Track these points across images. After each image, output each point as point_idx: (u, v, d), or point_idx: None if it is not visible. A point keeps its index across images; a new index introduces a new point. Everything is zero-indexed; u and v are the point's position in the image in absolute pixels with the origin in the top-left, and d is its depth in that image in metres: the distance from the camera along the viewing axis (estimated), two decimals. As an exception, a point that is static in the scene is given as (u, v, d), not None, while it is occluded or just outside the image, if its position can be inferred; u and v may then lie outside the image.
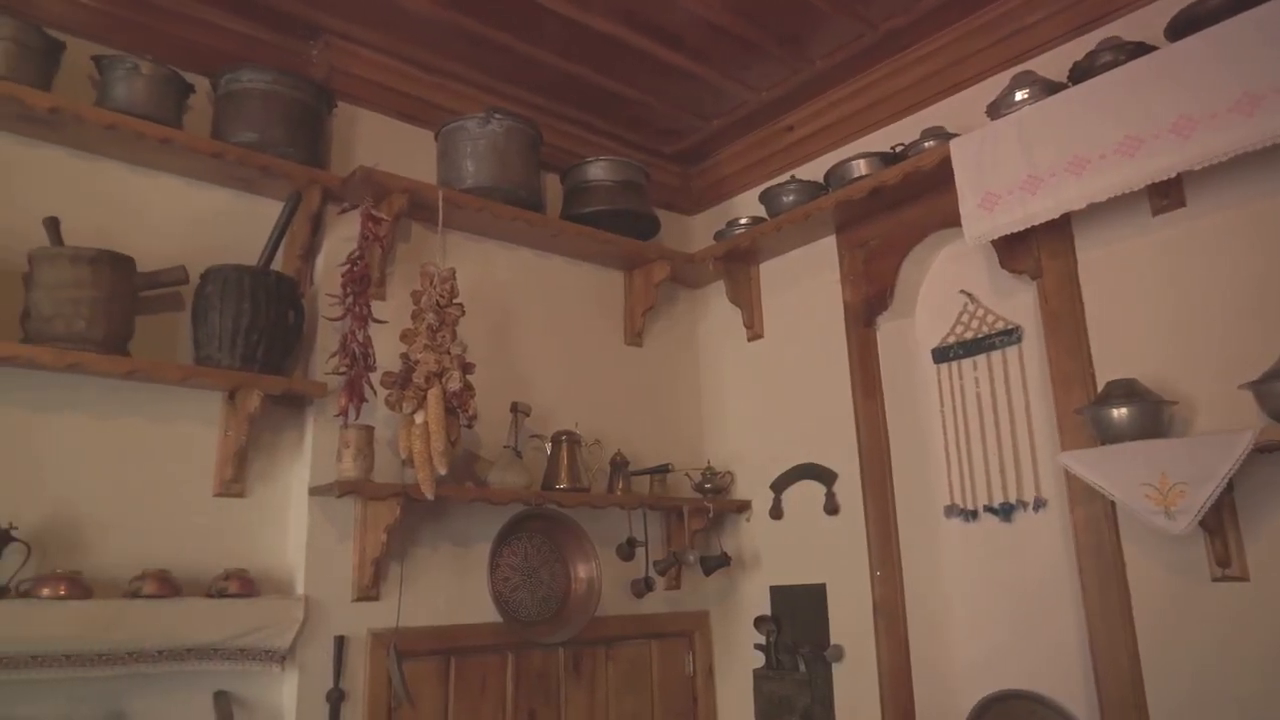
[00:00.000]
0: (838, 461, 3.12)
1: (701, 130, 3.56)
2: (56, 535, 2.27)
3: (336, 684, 2.49)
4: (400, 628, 2.60)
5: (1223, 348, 2.27)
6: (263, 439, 2.61)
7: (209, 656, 2.29)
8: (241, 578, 2.40)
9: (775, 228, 3.21)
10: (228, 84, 2.66)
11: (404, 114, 3.09)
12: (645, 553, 3.15)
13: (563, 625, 2.92)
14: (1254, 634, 2.16)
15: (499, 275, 3.17)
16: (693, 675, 3.31)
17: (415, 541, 2.74)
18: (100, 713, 2.21)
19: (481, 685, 2.76)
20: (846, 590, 3.02)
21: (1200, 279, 2.34)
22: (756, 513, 3.39)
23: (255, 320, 2.46)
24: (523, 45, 2.97)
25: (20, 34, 2.31)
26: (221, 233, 2.66)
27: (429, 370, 2.55)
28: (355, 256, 2.63)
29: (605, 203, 3.27)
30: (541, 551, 3.00)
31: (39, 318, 2.22)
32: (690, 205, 3.92)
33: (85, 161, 2.50)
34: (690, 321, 3.75)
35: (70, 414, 2.35)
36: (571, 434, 3.03)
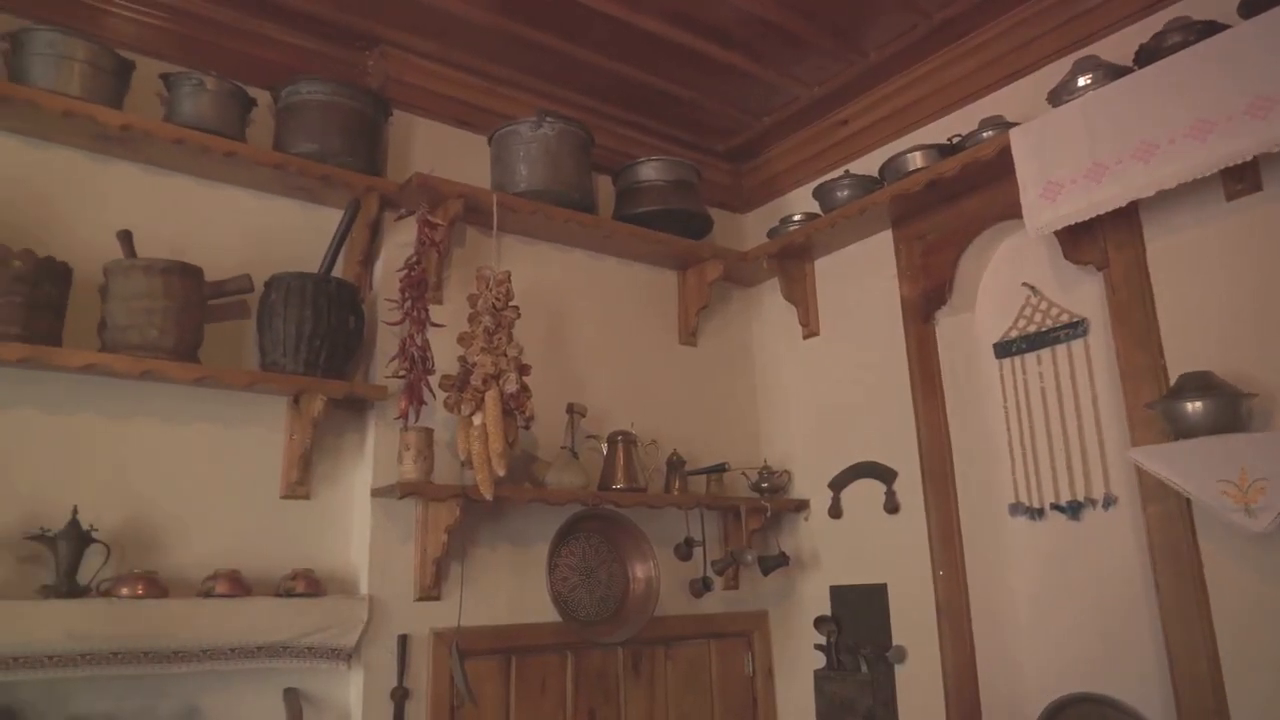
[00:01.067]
0: (897, 459, 3.07)
1: (753, 127, 3.54)
2: (134, 536, 2.35)
3: (400, 682, 2.53)
4: (461, 627, 2.64)
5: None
6: (326, 442, 2.67)
7: (278, 654, 2.35)
8: (308, 578, 2.46)
9: (830, 223, 3.17)
10: (288, 96, 2.73)
11: (458, 120, 3.13)
12: (703, 552, 3.14)
13: (621, 625, 2.93)
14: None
15: (553, 277, 3.20)
16: (752, 675, 3.29)
17: (475, 542, 2.78)
18: (178, 708, 2.29)
19: (542, 684, 2.78)
20: (908, 590, 2.97)
21: (1279, 265, 2.24)
22: (815, 512, 3.35)
23: (317, 326, 2.52)
24: (573, 48, 2.98)
25: (94, 56, 2.41)
26: (284, 241, 2.74)
27: (486, 372, 2.58)
28: (413, 262, 2.68)
29: (657, 203, 3.27)
30: (599, 551, 3.01)
31: (115, 327, 2.31)
32: (743, 203, 3.90)
33: (155, 176, 2.59)
34: (744, 320, 3.73)
35: (145, 419, 2.43)
36: (627, 434, 3.03)
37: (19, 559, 2.19)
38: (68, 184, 2.46)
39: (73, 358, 2.19)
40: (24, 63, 2.34)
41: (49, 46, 2.35)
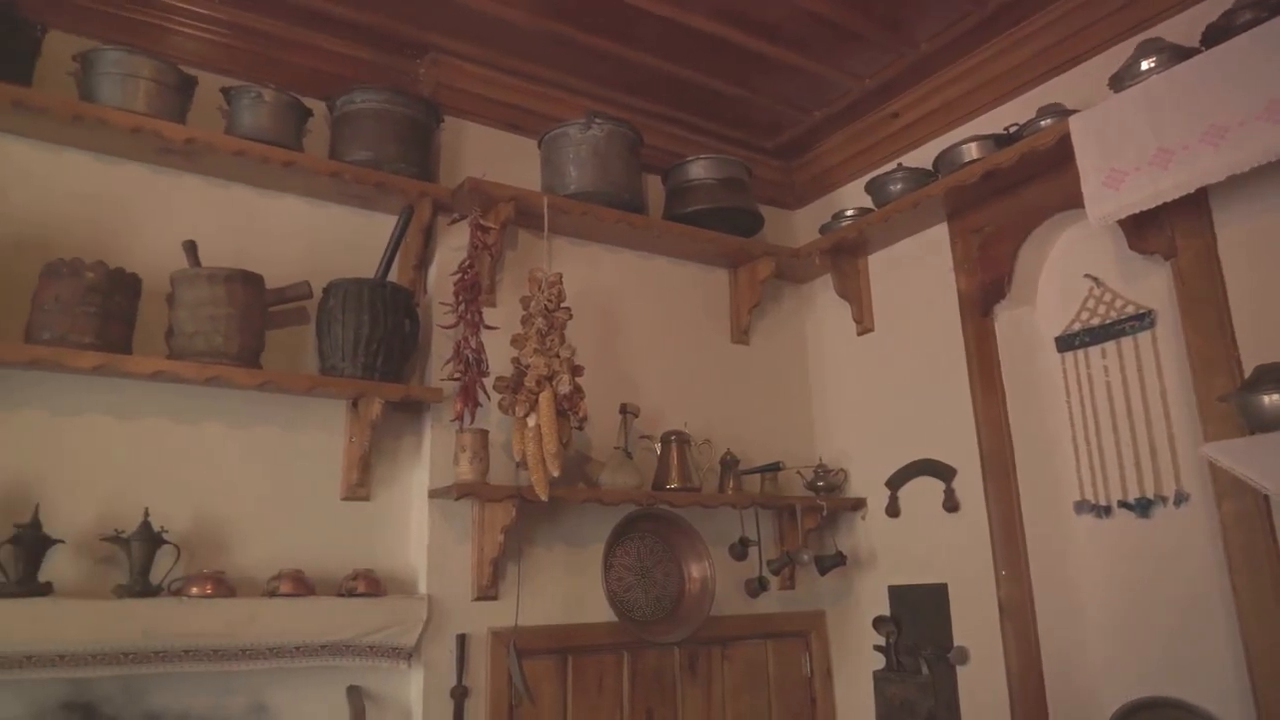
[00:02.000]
0: (957, 457, 3.01)
1: (803, 122, 3.51)
2: (202, 537, 2.43)
3: (460, 681, 2.56)
4: (519, 627, 2.66)
5: (1389, 325, 2.08)
6: (384, 444, 2.72)
7: (341, 653, 2.39)
8: (368, 578, 2.50)
9: (883, 218, 3.12)
10: (342, 106, 2.79)
11: (508, 124, 3.16)
12: (758, 552, 3.12)
13: (677, 625, 2.92)
14: None
15: (605, 278, 3.21)
16: (810, 676, 3.25)
17: (531, 542, 2.80)
18: (246, 704, 2.35)
19: (599, 684, 2.79)
20: (970, 590, 2.91)
21: (1360, 251, 2.14)
22: (872, 511, 3.31)
23: (374, 330, 2.57)
24: (621, 48, 2.99)
25: (159, 74, 2.48)
26: (341, 248, 2.79)
27: (539, 374, 2.60)
28: (466, 265, 2.71)
29: (707, 201, 3.25)
30: (654, 551, 3.01)
31: (181, 334, 2.38)
32: (794, 200, 3.86)
33: (217, 187, 2.67)
34: (797, 317, 3.70)
35: (211, 424, 2.51)
36: (681, 434, 3.03)
37: (96, 560, 2.28)
38: (136, 197, 2.54)
39: (143, 365, 2.27)
40: (93, 82, 2.43)
41: (116, 66, 2.43)
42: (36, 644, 2.02)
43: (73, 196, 2.46)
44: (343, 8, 2.74)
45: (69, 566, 2.24)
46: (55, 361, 2.16)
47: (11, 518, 2.16)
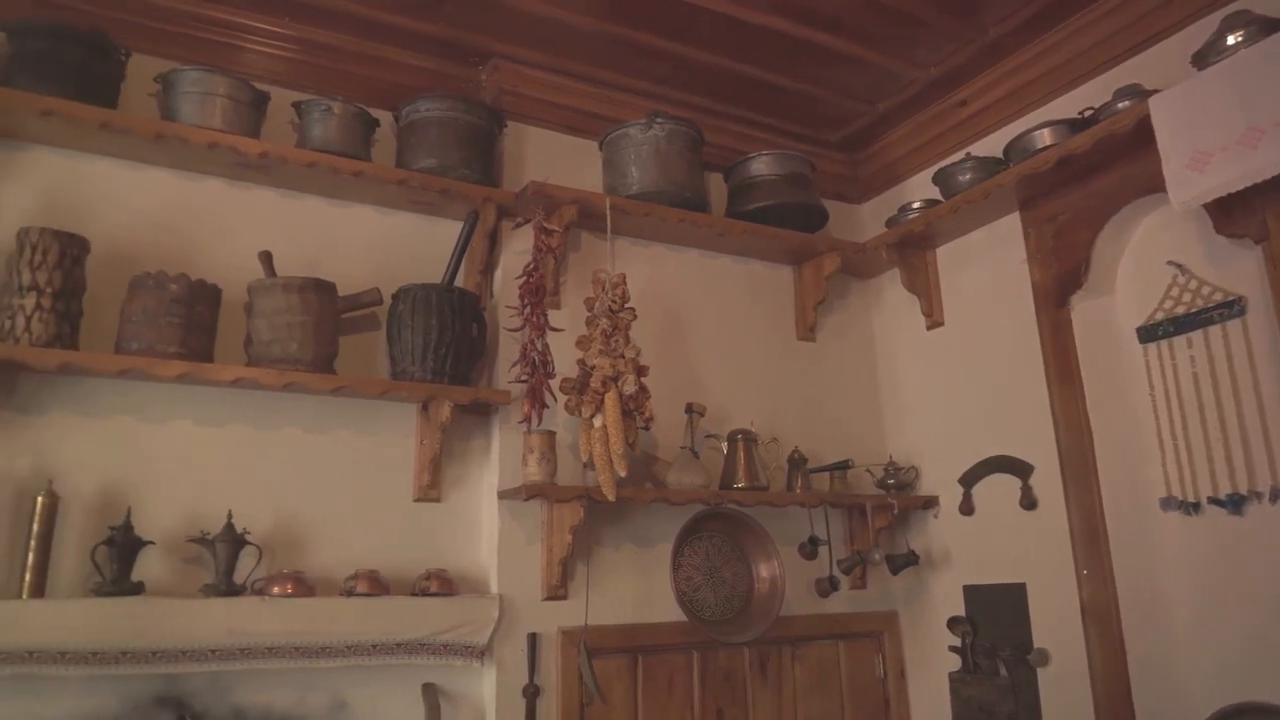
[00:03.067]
0: (1033, 453, 2.92)
1: (867, 114, 3.45)
2: (282, 538, 2.50)
3: (531, 679, 2.59)
4: (588, 626, 2.67)
5: None
6: (454, 446, 2.77)
7: (416, 651, 2.44)
8: (441, 577, 2.55)
9: (952, 209, 3.05)
10: (408, 115, 2.84)
11: (569, 127, 3.18)
12: (828, 551, 3.08)
13: (747, 625, 2.90)
14: None
15: (668, 278, 3.20)
16: (883, 677, 3.20)
17: (599, 542, 2.81)
18: (327, 701, 2.42)
19: (669, 683, 2.79)
20: (1049, 590, 2.82)
21: None
22: (945, 509, 3.23)
23: (443, 335, 2.62)
24: (681, 47, 2.98)
25: (234, 91, 2.57)
26: (409, 254, 2.85)
27: (605, 374, 2.61)
28: (530, 268, 2.74)
29: (770, 198, 3.22)
30: (723, 551, 2.99)
31: (259, 342, 2.46)
32: (859, 193, 3.80)
33: (290, 198, 2.75)
34: (864, 313, 3.64)
35: (288, 428, 2.58)
36: (747, 432, 3.01)
37: (183, 560, 2.37)
38: (214, 210, 2.64)
39: (224, 372, 2.35)
40: (173, 102, 2.53)
41: (194, 85, 2.53)
42: (131, 641, 2.11)
43: (156, 212, 2.56)
44: (406, 19, 2.79)
45: (159, 566, 2.33)
46: (143, 371, 2.26)
47: (106, 520, 2.27)
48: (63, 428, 2.32)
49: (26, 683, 2.06)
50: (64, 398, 2.34)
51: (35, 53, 2.35)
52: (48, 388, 2.32)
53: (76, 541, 2.26)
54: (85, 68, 2.40)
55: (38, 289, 2.18)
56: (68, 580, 2.23)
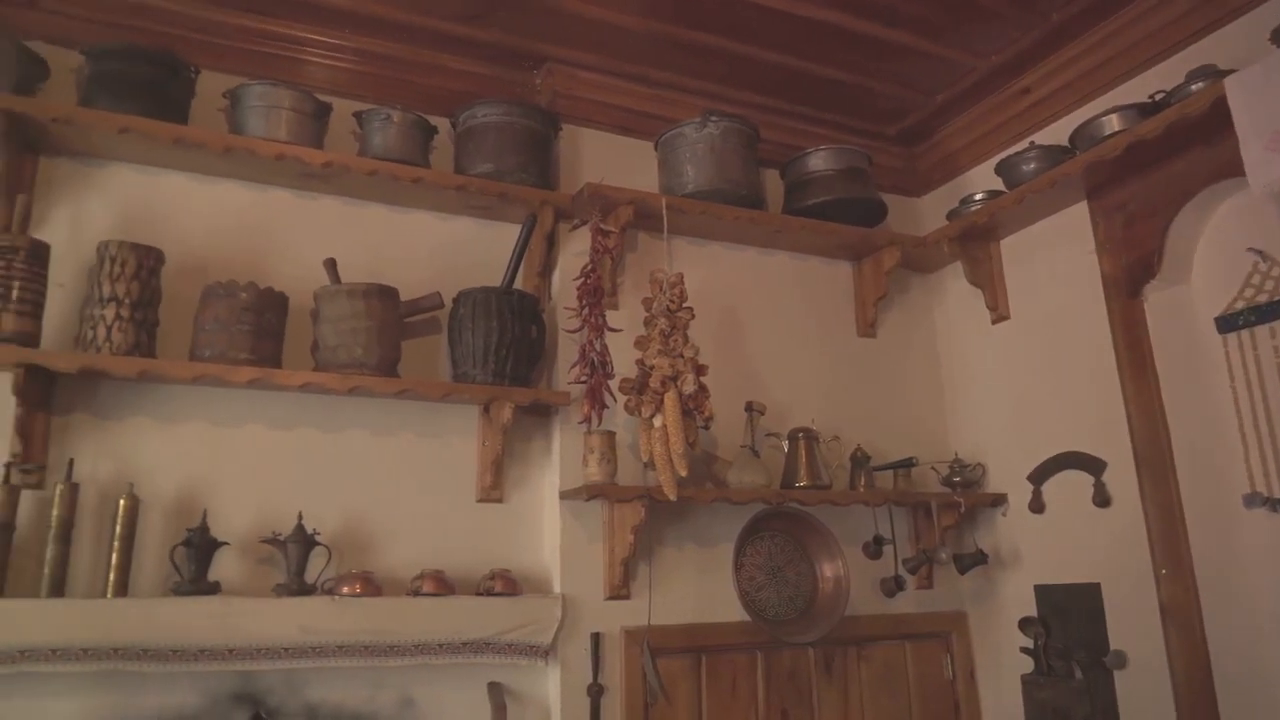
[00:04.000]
0: (1106, 448, 2.83)
1: (925, 106, 3.38)
2: (350, 539, 2.56)
3: (595, 679, 2.60)
4: (651, 625, 2.67)
5: None
6: (515, 447, 2.79)
7: (481, 650, 2.47)
8: (505, 577, 2.57)
9: (1016, 200, 2.97)
10: (465, 121, 2.88)
11: (624, 128, 3.19)
12: (893, 551, 3.04)
13: (812, 625, 2.87)
14: None
15: (726, 276, 3.19)
16: (952, 679, 3.13)
17: (661, 541, 2.81)
18: (395, 698, 2.46)
19: (732, 683, 2.78)
20: (1125, 590, 2.73)
21: None
22: (1014, 506, 3.15)
23: (503, 337, 2.64)
24: (735, 45, 2.97)
25: (297, 103, 2.64)
26: (468, 258, 2.89)
27: (664, 374, 2.61)
28: (588, 270, 2.75)
29: (827, 193, 3.19)
30: (785, 550, 2.97)
31: (325, 348, 2.52)
32: (918, 186, 3.73)
33: (352, 206, 2.81)
34: (926, 308, 3.57)
35: (354, 431, 2.64)
36: (809, 430, 2.98)
37: (257, 561, 2.44)
38: (281, 219, 2.71)
39: (292, 378, 2.41)
40: (241, 115, 2.61)
41: (260, 99, 2.60)
42: (209, 639, 2.18)
43: (226, 222, 2.64)
44: (461, 27, 2.83)
45: (233, 566, 2.41)
46: (216, 377, 2.33)
47: (183, 522, 2.35)
48: (142, 433, 2.41)
49: (113, 678, 2.15)
50: (143, 404, 2.42)
51: (112, 74, 2.44)
52: (127, 394, 2.41)
53: (156, 542, 2.34)
54: (158, 86, 2.49)
55: (117, 300, 2.26)
56: (149, 580, 2.32)
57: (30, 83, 2.43)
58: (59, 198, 2.47)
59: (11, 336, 2.17)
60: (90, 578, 2.27)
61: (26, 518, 2.21)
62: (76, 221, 2.47)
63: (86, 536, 2.28)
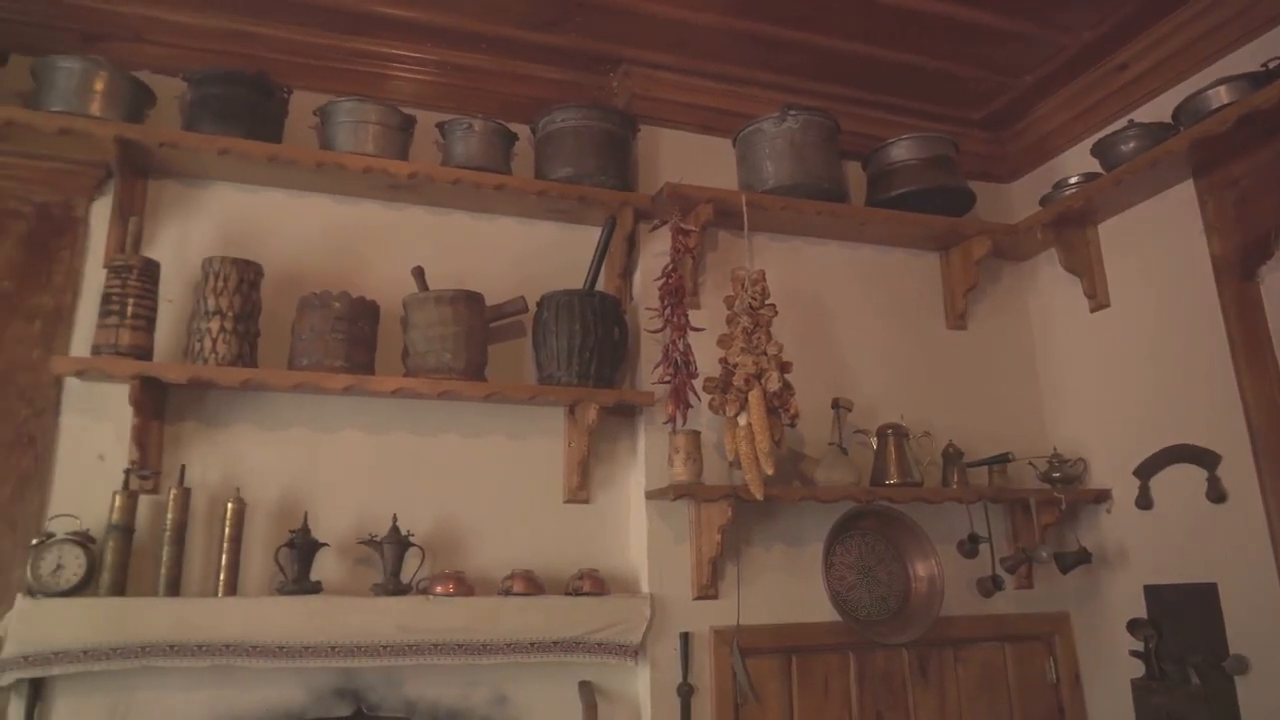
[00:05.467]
0: (1220, 441, 2.68)
1: (1013, 88, 3.26)
2: (442, 539, 2.62)
3: (685, 678, 2.60)
4: (741, 625, 2.66)
5: None
6: (601, 448, 2.81)
7: (572, 649, 2.50)
8: (593, 577, 2.60)
9: (1114, 181, 2.84)
10: (544, 127, 2.92)
11: (702, 126, 3.17)
12: (989, 549, 2.93)
13: (905, 625, 2.81)
14: None
15: (808, 272, 3.15)
16: (1056, 683, 3.01)
17: (749, 541, 2.79)
18: (489, 696, 2.51)
19: (824, 684, 2.74)
20: (1246, 591, 2.57)
21: None
22: (1119, 502, 3.01)
23: (586, 339, 2.67)
24: (810, 36, 2.92)
25: (383, 117, 2.72)
26: (551, 262, 2.92)
27: (748, 372, 2.59)
28: (669, 269, 2.75)
29: (912, 183, 3.11)
30: (876, 550, 2.91)
31: (415, 354, 2.59)
32: (1008, 172, 3.60)
33: (438, 215, 2.88)
34: (1019, 297, 3.45)
35: (444, 434, 2.71)
36: (898, 427, 2.91)
37: (355, 561, 2.53)
38: (370, 230, 2.80)
39: (385, 383, 2.49)
40: (331, 131, 2.71)
41: (348, 115, 2.69)
42: (313, 636, 2.27)
43: (319, 235, 2.74)
44: (538, 34, 2.87)
45: (333, 567, 2.50)
46: (314, 384, 2.42)
47: (286, 524, 2.45)
48: (246, 439, 2.53)
49: (225, 674, 2.26)
50: (247, 411, 2.54)
51: (212, 98, 2.57)
52: (233, 402, 2.53)
53: (261, 544, 2.45)
54: (254, 108, 2.60)
55: (221, 313, 2.38)
56: (255, 579, 2.43)
57: (139, 111, 2.58)
58: (167, 218, 2.61)
59: (128, 350, 2.30)
60: (203, 577, 2.39)
61: (144, 521, 2.34)
62: (183, 239, 2.60)
63: (198, 538, 2.40)
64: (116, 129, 2.43)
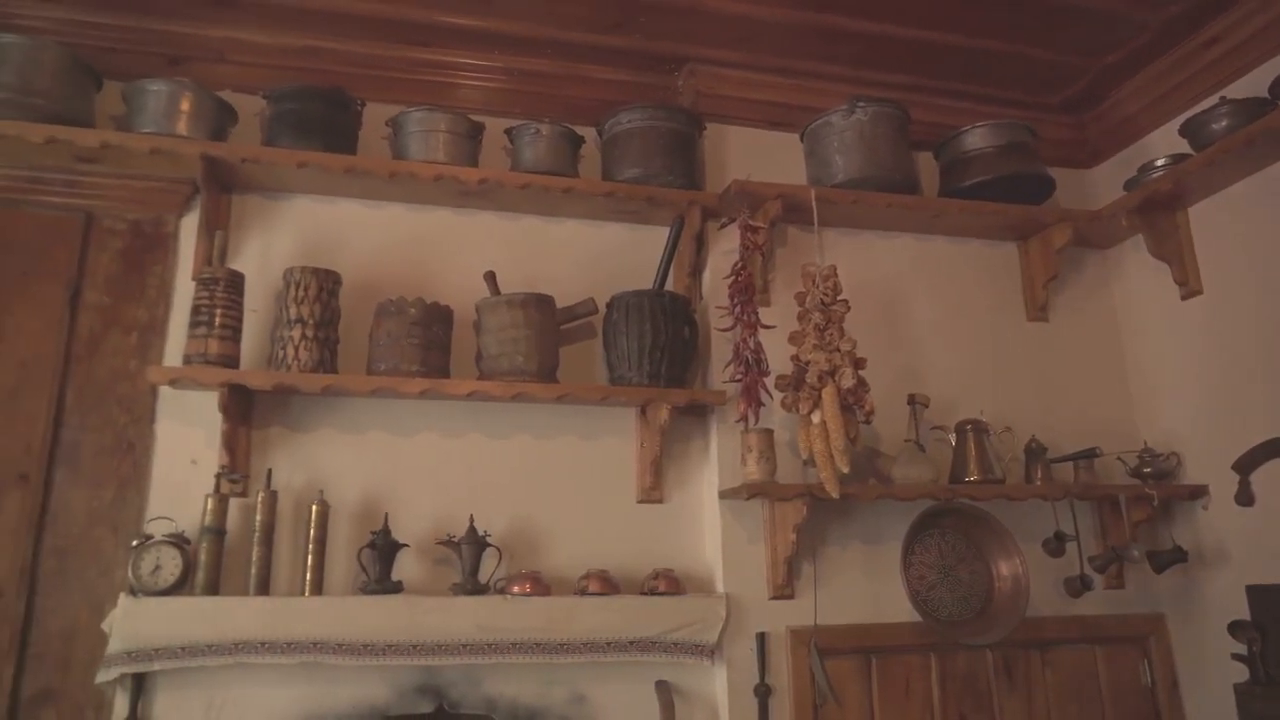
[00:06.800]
0: (1327, 433, 2.54)
1: (1092, 70, 3.14)
2: (517, 540, 2.66)
3: (762, 679, 2.58)
4: (818, 625, 2.62)
5: None
6: (673, 448, 2.81)
7: (648, 649, 2.50)
8: (668, 577, 2.59)
9: (1206, 162, 2.71)
10: (610, 128, 2.93)
11: (768, 122, 3.14)
12: (1077, 548, 2.83)
13: (989, 626, 2.73)
14: None
15: (881, 266, 3.09)
16: (1151, 686, 2.89)
17: (824, 540, 2.75)
18: (567, 695, 2.53)
19: (905, 686, 2.68)
20: (1360, 591, 2.43)
21: None
22: (1216, 499, 2.87)
23: (657, 339, 2.67)
24: (876, 26, 2.87)
25: (453, 125, 2.77)
26: (620, 263, 2.94)
27: (821, 369, 2.56)
28: (738, 267, 2.73)
29: (987, 171, 3.02)
30: (957, 548, 2.84)
31: (488, 357, 2.63)
32: (1089, 157, 3.47)
33: (508, 220, 2.92)
34: (1103, 286, 3.32)
35: (518, 436, 2.74)
36: (978, 422, 2.83)
37: (434, 561, 2.58)
38: (442, 236, 2.85)
39: (460, 387, 2.53)
40: (402, 141, 2.77)
41: (419, 124, 2.75)
42: (396, 635, 2.33)
43: (394, 243, 2.81)
44: (603, 37, 2.89)
45: (413, 567, 2.55)
46: (391, 389, 2.48)
47: (367, 525, 2.51)
48: (328, 443, 2.60)
49: (313, 671, 2.33)
50: (328, 416, 2.62)
51: (290, 114, 2.66)
52: (314, 408, 2.61)
53: (344, 545, 2.52)
54: (330, 121, 2.68)
55: (302, 321, 2.45)
56: (339, 579, 2.50)
57: (223, 128, 2.68)
58: (250, 230, 2.71)
59: (216, 359, 2.39)
60: (290, 577, 2.47)
61: (234, 523, 2.43)
62: (265, 251, 2.70)
63: (285, 540, 2.49)
64: (202, 146, 2.53)
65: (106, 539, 2.41)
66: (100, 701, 2.29)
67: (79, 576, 2.38)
